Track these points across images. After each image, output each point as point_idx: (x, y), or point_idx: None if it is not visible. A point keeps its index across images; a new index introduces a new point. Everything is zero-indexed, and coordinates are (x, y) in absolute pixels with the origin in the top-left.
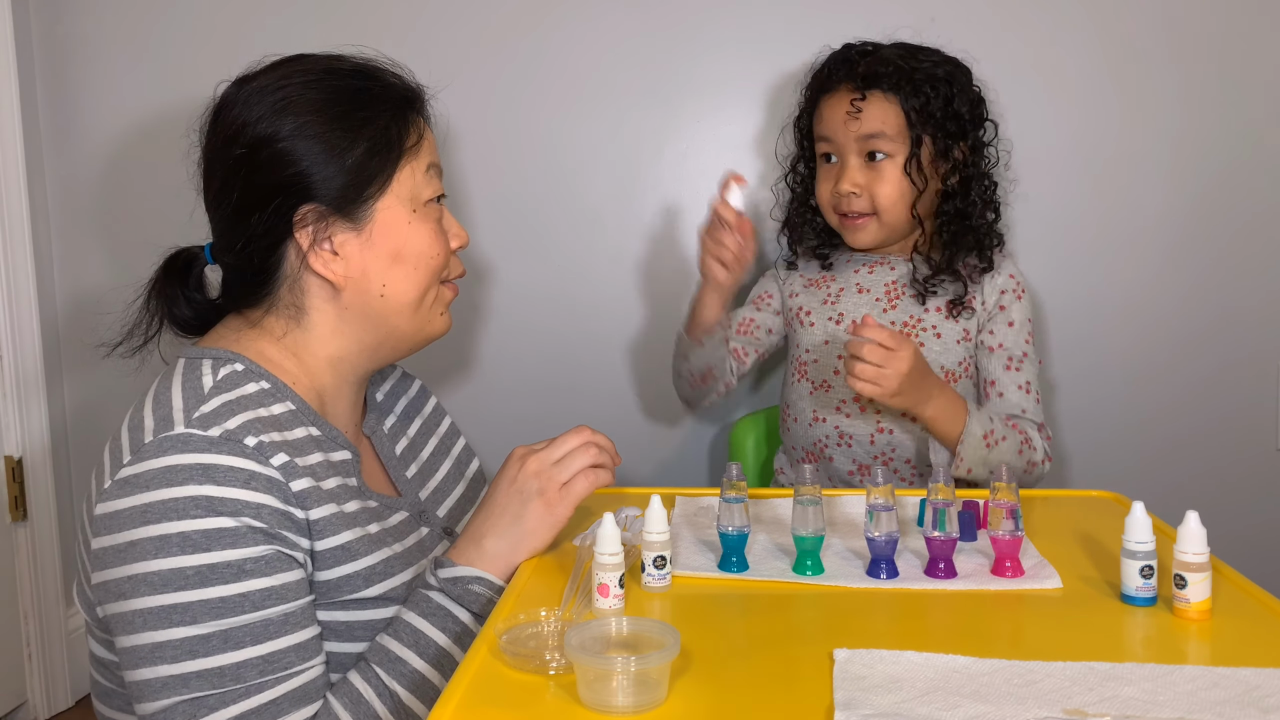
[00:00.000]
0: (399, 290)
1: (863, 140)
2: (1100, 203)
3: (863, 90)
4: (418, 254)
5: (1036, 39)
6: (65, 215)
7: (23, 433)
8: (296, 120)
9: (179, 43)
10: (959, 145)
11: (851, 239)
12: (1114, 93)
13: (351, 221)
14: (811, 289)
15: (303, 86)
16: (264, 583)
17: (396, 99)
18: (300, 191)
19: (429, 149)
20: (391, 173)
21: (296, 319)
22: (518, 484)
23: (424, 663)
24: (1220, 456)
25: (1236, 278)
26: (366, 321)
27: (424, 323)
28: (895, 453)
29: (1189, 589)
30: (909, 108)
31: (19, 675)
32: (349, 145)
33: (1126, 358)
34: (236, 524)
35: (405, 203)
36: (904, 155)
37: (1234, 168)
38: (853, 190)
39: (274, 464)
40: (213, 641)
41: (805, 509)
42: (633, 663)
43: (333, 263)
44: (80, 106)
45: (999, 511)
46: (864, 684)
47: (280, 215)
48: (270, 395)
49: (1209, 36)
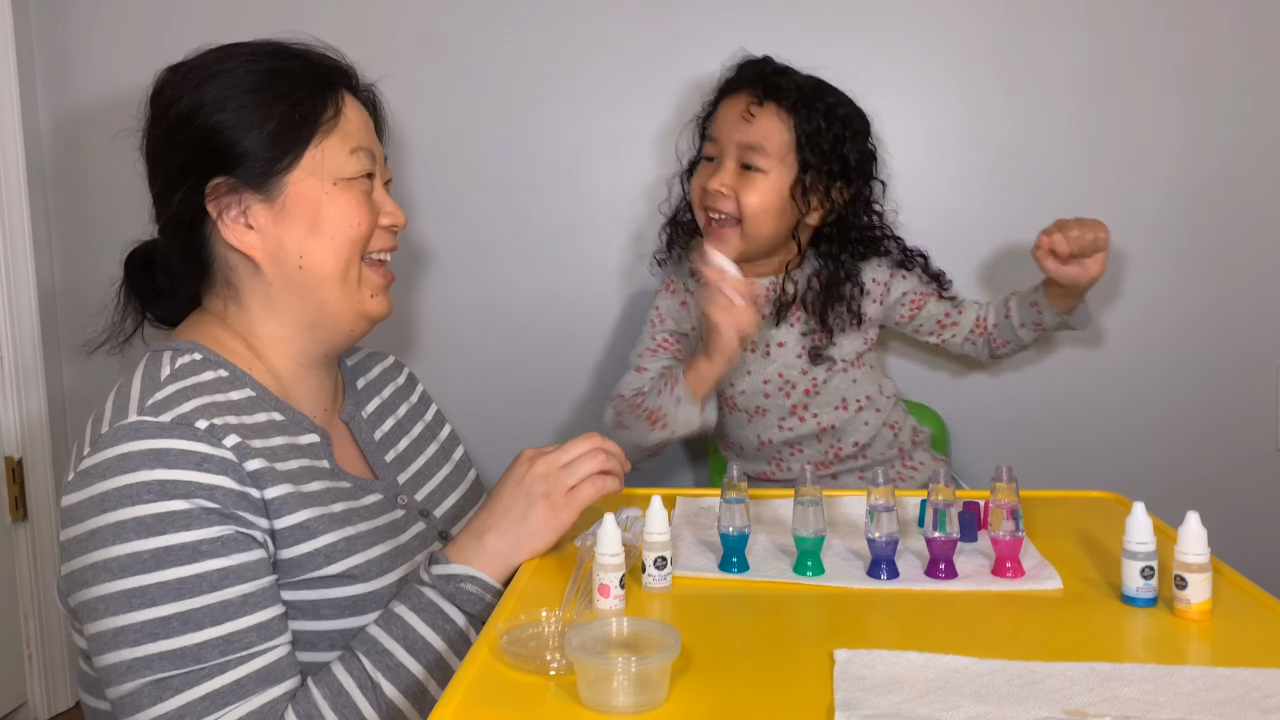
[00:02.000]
0: (317, 260)
1: (743, 149)
2: (1100, 203)
3: (761, 99)
4: (334, 223)
5: (1035, 38)
6: (65, 215)
7: (23, 433)
8: (212, 97)
9: (179, 43)
10: (837, 187)
11: (712, 244)
12: (1113, 92)
13: (263, 194)
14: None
15: (222, 67)
16: (220, 563)
17: (315, 76)
18: (212, 165)
19: (354, 131)
20: (304, 147)
21: (234, 298)
22: (524, 484)
23: (410, 658)
24: (1220, 456)
25: (1237, 278)
26: (293, 296)
27: (355, 301)
28: (840, 442)
29: (1189, 590)
30: (800, 131)
31: (19, 675)
32: (262, 120)
33: (1126, 358)
34: (190, 506)
35: (322, 177)
36: (785, 174)
37: (1234, 167)
38: (720, 189)
39: (226, 445)
40: (172, 623)
41: (806, 510)
42: (633, 663)
43: (247, 235)
44: (80, 106)
45: (999, 512)
46: (864, 684)
47: (195, 190)
48: (228, 382)
49: (1209, 35)
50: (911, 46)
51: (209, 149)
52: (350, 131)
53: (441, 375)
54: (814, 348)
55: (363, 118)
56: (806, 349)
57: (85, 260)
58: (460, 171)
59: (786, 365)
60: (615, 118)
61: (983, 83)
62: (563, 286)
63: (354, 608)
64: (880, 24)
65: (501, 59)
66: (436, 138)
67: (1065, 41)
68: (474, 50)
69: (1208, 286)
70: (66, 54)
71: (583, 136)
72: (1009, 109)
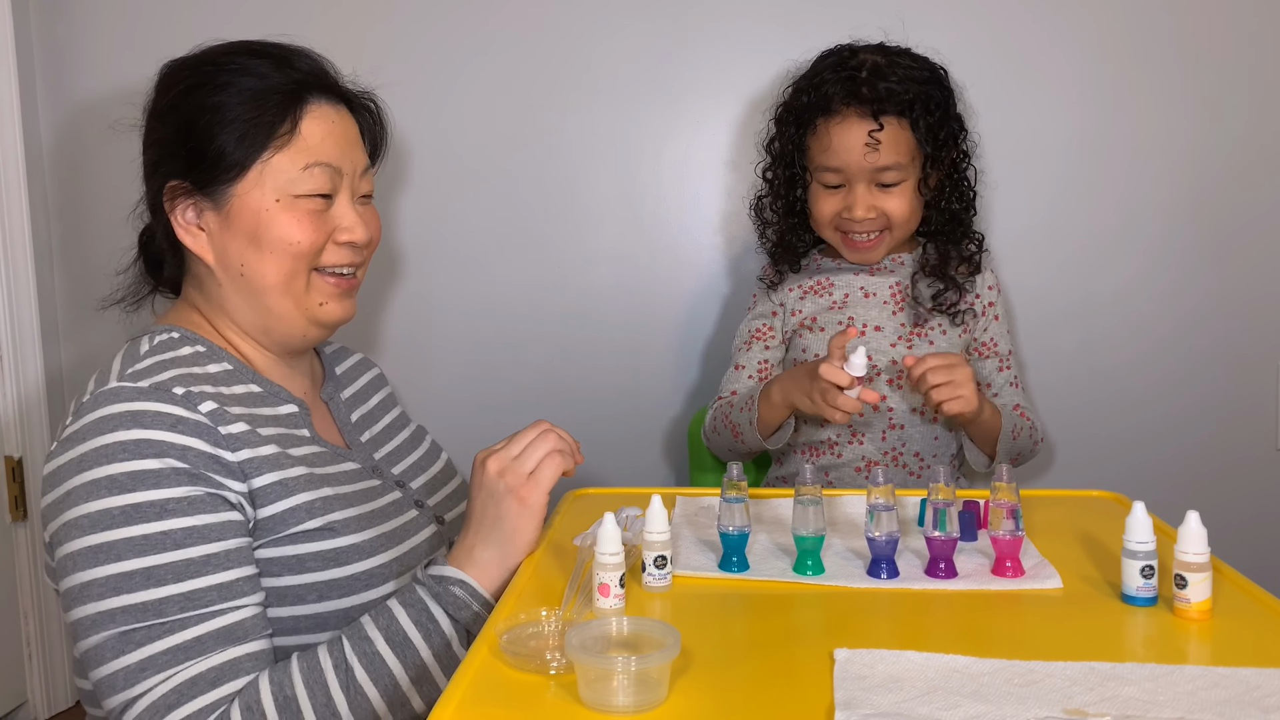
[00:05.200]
0: (256, 272)
1: (879, 170)
2: (1099, 202)
3: (878, 119)
4: (273, 239)
5: (1030, 35)
6: (65, 215)
7: (23, 433)
8: (182, 102)
9: (178, 43)
10: (952, 151)
11: (861, 257)
12: (1111, 91)
13: (212, 200)
14: (812, 296)
15: (203, 69)
16: (186, 522)
17: (282, 90)
18: (170, 167)
19: (311, 147)
20: (252, 160)
21: (200, 290)
22: (486, 487)
23: (389, 650)
24: (1220, 456)
25: (1236, 277)
26: (239, 298)
27: (303, 308)
28: (905, 447)
29: (1189, 589)
30: (920, 131)
31: (19, 675)
32: (217, 128)
33: (1126, 358)
34: (161, 465)
35: (268, 191)
36: (916, 171)
37: (1234, 166)
38: (869, 215)
39: (202, 410)
40: (135, 578)
41: (806, 509)
42: (633, 662)
43: (199, 237)
44: (80, 106)
45: (999, 511)
46: (864, 684)
47: (159, 187)
48: (205, 356)
49: (1207, 34)
50: (906, 41)
51: (171, 150)
52: (307, 148)
53: (442, 378)
54: (939, 292)
55: (333, 130)
56: (913, 301)
57: (85, 260)
58: (460, 173)
59: (886, 337)
60: (618, 120)
61: (983, 83)
62: (565, 291)
63: (337, 559)
64: (879, 24)
65: (508, 62)
66: (439, 141)
67: (1066, 41)
68: (475, 53)
69: (1208, 286)
70: (66, 53)
71: (584, 139)
72: (1009, 109)
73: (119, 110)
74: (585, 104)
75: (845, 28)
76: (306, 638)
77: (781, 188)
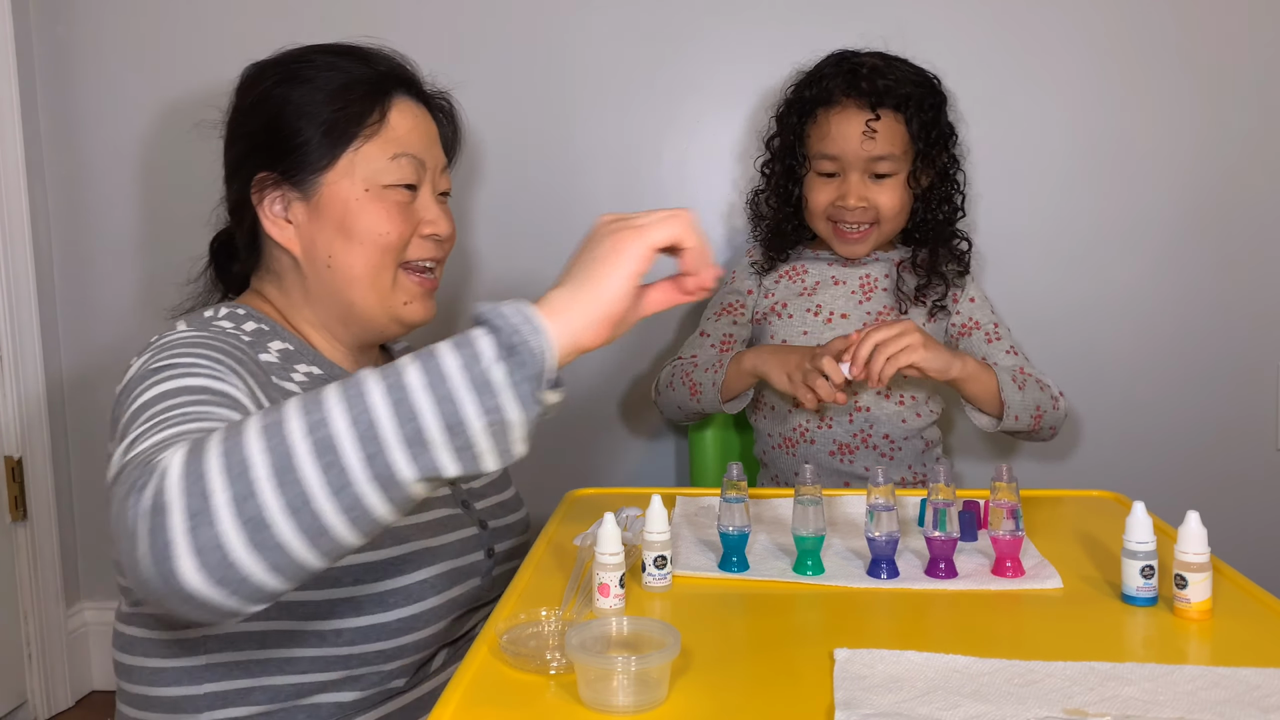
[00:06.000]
0: (345, 263)
1: (873, 160)
2: (1099, 203)
3: (875, 110)
4: (364, 230)
5: (1035, 38)
6: (65, 215)
7: (23, 433)
8: (276, 96)
9: (178, 43)
10: (942, 154)
11: (849, 250)
12: (1112, 93)
13: (301, 191)
14: (785, 281)
15: (289, 66)
16: (208, 379)
17: (369, 81)
18: (261, 159)
19: (399, 137)
20: (342, 150)
21: (277, 284)
22: (592, 235)
23: (411, 359)
24: (1220, 456)
25: (1236, 278)
26: (324, 292)
27: (388, 305)
28: (873, 429)
29: (1190, 589)
30: (913, 128)
31: (19, 675)
32: (308, 119)
33: (1126, 358)
34: (202, 347)
35: (356, 181)
36: (906, 166)
37: (1234, 167)
38: (860, 205)
39: (261, 357)
40: (155, 389)
41: (806, 509)
42: (633, 662)
43: (286, 229)
44: (80, 106)
45: (999, 511)
46: (864, 684)
47: (245, 181)
48: (267, 335)
49: (1207, 35)
50: (911, 50)
51: (262, 143)
52: (395, 138)
53: None
54: (919, 286)
55: (418, 125)
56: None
57: (86, 260)
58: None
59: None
60: (619, 120)
61: (984, 83)
62: None
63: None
64: (879, 24)
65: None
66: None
67: (1068, 42)
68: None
69: (1208, 287)
70: (66, 54)
71: (585, 138)
72: (1010, 110)
73: (119, 109)
74: (588, 104)
75: (848, 33)
76: (337, 623)
77: (779, 180)
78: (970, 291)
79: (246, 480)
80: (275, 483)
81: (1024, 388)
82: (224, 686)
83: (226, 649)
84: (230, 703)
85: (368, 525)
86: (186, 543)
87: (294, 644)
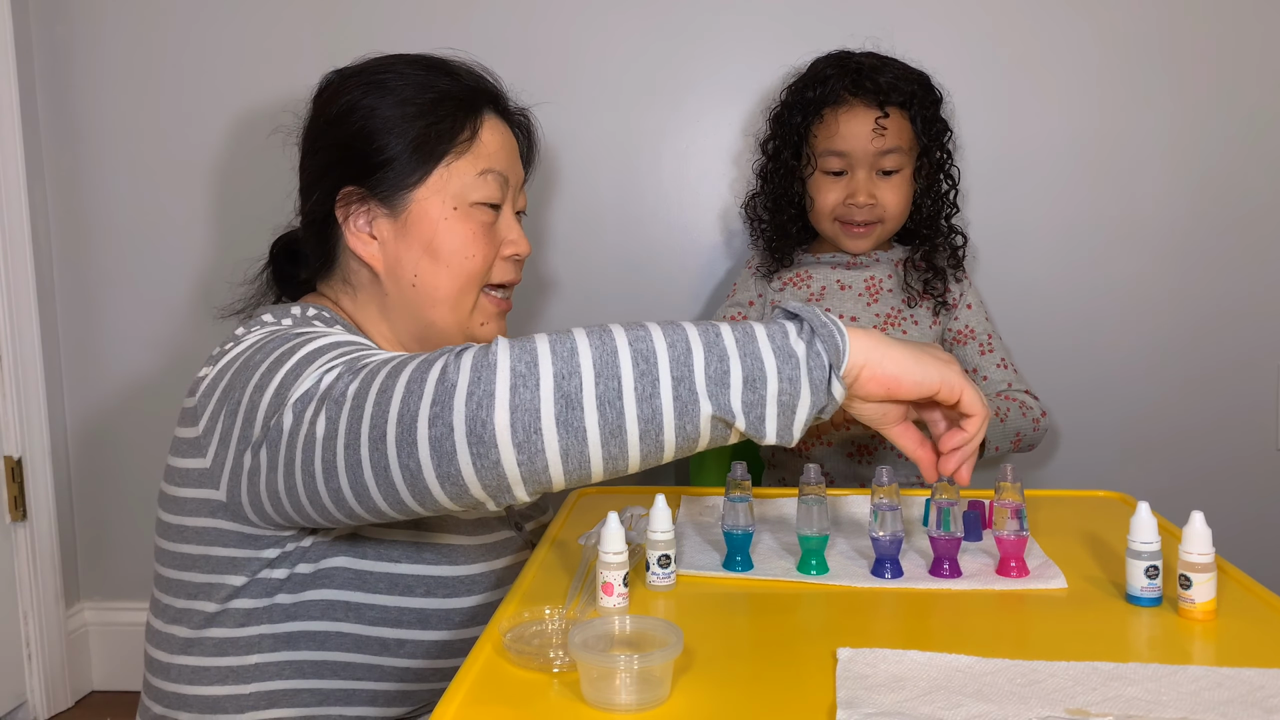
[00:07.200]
0: (430, 284)
1: (881, 156)
2: (1098, 202)
3: (883, 107)
4: (450, 251)
5: (1031, 36)
6: (65, 215)
7: (23, 433)
8: (363, 106)
9: (178, 43)
10: (939, 151)
11: (854, 246)
12: (1111, 90)
13: (389, 208)
14: (790, 288)
15: (378, 78)
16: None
17: (460, 97)
18: (347, 172)
19: (488, 154)
20: (433, 166)
21: (352, 296)
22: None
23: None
24: (1220, 456)
25: (1236, 276)
26: (405, 310)
27: (465, 325)
28: None
29: (1194, 589)
30: (917, 124)
31: (18, 675)
32: (398, 134)
33: (1126, 357)
34: (324, 324)
35: (446, 198)
36: (910, 164)
37: (1233, 165)
38: (870, 201)
39: None
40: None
41: (810, 508)
42: (636, 661)
43: (370, 245)
44: (80, 107)
45: (1004, 511)
46: (867, 683)
47: (329, 193)
48: (349, 330)
49: (1205, 33)
50: (910, 46)
51: (348, 155)
52: (484, 154)
53: None
54: (926, 282)
55: (504, 142)
56: (901, 282)
57: (86, 260)
58: None
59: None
60: (619, 120)
61: (983, 82)
62: (566, 289)
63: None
64: (877, 24)
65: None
66: None
67: (1066, 39)
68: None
69: (1208, 287)
70: (66, 53)
71: (587, 138)
72: (1009, 109)
73: (118, 109)
74: (588, 104)
75: (840, 31)
76: (403, 633)
77: (779, 183)
78: (969, 297)
79: (574, 362)
80: (595, 373)
81: (1006, 418)
82: (273, 686)
83: (282, 648)
84: (275, 703)
85: (652, 444)
86: (506, 399)
87: (357, 649)
